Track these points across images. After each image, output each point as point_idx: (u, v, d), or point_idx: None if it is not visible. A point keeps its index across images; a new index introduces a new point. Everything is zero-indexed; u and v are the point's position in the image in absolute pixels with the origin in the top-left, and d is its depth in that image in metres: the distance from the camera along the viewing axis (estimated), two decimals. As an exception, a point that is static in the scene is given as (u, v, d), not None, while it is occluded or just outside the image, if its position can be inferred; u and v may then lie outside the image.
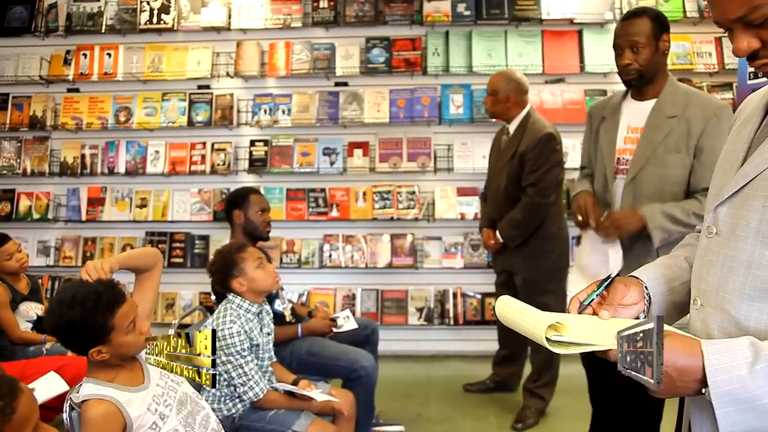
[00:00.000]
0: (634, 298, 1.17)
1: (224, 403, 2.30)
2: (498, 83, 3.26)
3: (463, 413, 3.46)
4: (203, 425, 1.80)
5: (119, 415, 1.58)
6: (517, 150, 3.19)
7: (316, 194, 4.43)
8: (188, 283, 4.53)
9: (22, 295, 3.27)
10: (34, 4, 4.58)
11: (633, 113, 2.37)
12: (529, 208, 3.17)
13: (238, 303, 2.34)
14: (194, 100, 4.50)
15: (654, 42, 2.25)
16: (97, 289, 1.60)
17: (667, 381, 0.93)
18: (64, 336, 1.62)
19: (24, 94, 4.68)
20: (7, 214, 4.66)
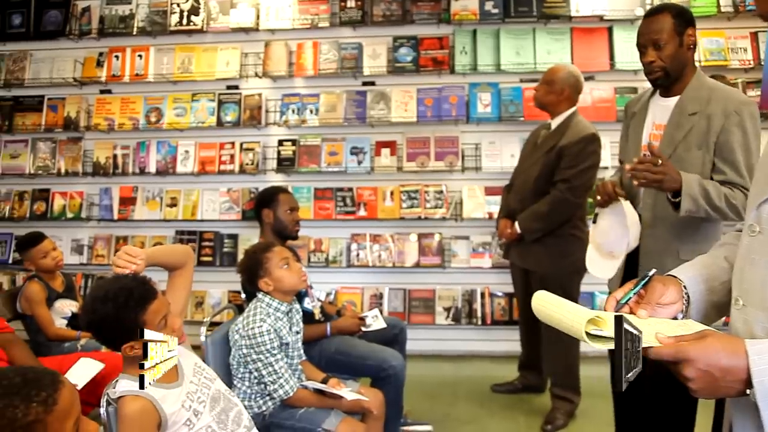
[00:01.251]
0: (673, 297, 1.16)
1: (255, 401, 2.32)
2: (557, 74, 3.23)
3: (492, 413, 3.44)
4: (236, 422, 1.82)
5: (155, 412, 1.62)
6: (556, 144, 3.16)
7: (343, 193, 4.45)
8: (217, 281, 4.57)
9: (57, 292, 3.34)
10: (68, 7, 4.68)
11: (658, 110, 2.35)
12: (557, 203, 3.14)
13: (267, 302, 2.35)
14: (223, 101, 4.55)
15: (677, 38, 2.21)
16: (129, 285, 1.63)
17: (709, 381, 0.92)
18: (98, 331, 1.65)
19: (58, 95, 4.79)
20: (42, 213, 4.77)
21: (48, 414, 1.05)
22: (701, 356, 0.92)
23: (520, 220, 3.25)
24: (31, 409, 1.04)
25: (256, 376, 2.28)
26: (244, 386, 2.32)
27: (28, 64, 4.78)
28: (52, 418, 1.05)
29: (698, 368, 0.92)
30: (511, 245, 3.44)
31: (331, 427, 2.24)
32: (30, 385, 1.06)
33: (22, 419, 1.03)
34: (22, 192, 4.84)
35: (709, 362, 0.91)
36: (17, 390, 1.05)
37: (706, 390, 0.93)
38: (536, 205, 3.19)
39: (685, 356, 0.93)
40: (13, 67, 4.80)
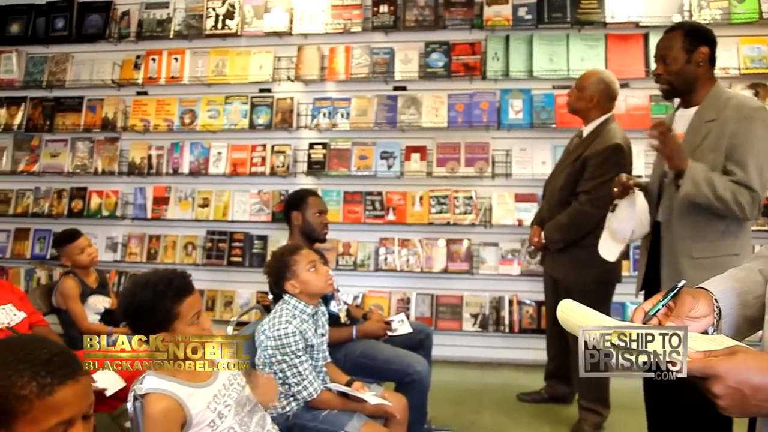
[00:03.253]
0: (703, 310, 1.12)
1: (279, 401, 2.30)
2: (587, 80, 3.20)
3: (517, 423, 3.39)
4: (260, 425, 1.83)
5: (180, 411, 1.64)
6: (582, 153, 3.12)
7: (373, 197, 4.46)
8: (246, 282, 4.61)
9: (91, 288, 3.40)
10: (108, 11, 4.80)
11: (681, 120, 2.46)
12: (577, 215, 3.10)
13: (293, 304, 2.36)
14: (255, 104, 4.60)
15: (685, 55, 2.35)
16: (170, 276, 1.69)
17: (739, 399, 0.89)
18: (134, 317, 1.69)
19: (97, 97, 4.90)
20: (79, 210, 4.89)
21: (39, 399, 1.05)
22: (731, 373, 0.89)
23: (545, 229, 3.24)
24: (29, 385, 1.04)
25: (280, 377, 2.27)
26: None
27: (70, 66, 4.92)
28: (39, 404, 1.05)
29: (728, 385, 0.89)
30: (543, 253, 3.42)
31: (354, 430, 2.22)
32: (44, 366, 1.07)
33: (17, 389, 1.04)
34: (60, 190, 4.97)
35: (740, 379, 0.88)
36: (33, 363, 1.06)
37: (735, 408, 0.90)
38: (559, 215, 3.17)
39: (715, 372, 0.90)
40: (55, 69, 4.94)
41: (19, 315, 2.73)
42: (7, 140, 5.07)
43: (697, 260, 2.27)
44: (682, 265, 2.31)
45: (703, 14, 3.91)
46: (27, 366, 1.05)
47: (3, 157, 5.05)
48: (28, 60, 5.02)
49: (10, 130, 5.00)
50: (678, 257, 2.33)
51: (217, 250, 4.67)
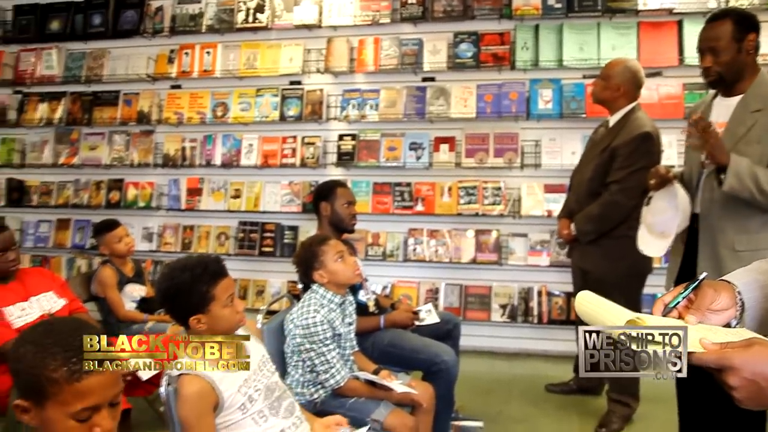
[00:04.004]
0: (725, 303, 1.09)
1: (307, 388, 2.34)
2: (613, 69, 3.13)
3: (545, 413, 3.38)
4: (288, 410, 1.87)
5: (212, 393, 1.68)
6: (610, 144, 3.07)
7: (401, 188, 4.46)
8: (277, 271, 4.67)
9: (127, 277, 3.50)
10: (143, 7, 4.89)
11: (721, 110, 2.36)
12: (609, 206, 3.04)
13: (321, 293, 2.38)
14: (286, 96, 4.64)
15: (735, 44, 2.25)
16: (205, 260, 1.74)
17: (755, 391, 0.88)
18: (172, 299, 1.74)
19: (133, 91, 5.00)
20: (116, 201, 5.01)
21: (68, 384, 1.10)
22: (747, 365, 0.88)
23: (575, 221, 3.18)
24: (60, 369, 1.10)
25: (308, 364, 2.30)
26: (297, 374, 2.35)
27: (106, 62, 5.03)
28: (68, 388, 1.10)
29: (743, 377, 0.88)
30: (573, 245, 3.37)
31: (380, 417, 2.25)
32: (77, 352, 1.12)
33: (49, 372, 1.10)
34: (99, 182, 5.10)
35: (755, 371, 0.87)
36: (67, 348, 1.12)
37: (751, 400, 0.89)
38: (590, 206, 3.11)
39: (730, 364, 0.89)
40: (92, 64, 5.06)
41: (60, 302, 2.83)
42: (48, 134, 5.21)
43: (739, 253, 2.21)
44: (723, 258, 2.25)
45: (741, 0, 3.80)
46: (60, 351, 1.11)
47: (45, 151, 5.19)
48: (68, 56, 5.15)
49: (51, 124, 5.14)
50: (719, 249, 2.28)
51: (249, 240, 4.74)
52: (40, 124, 5.16)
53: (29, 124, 5.18)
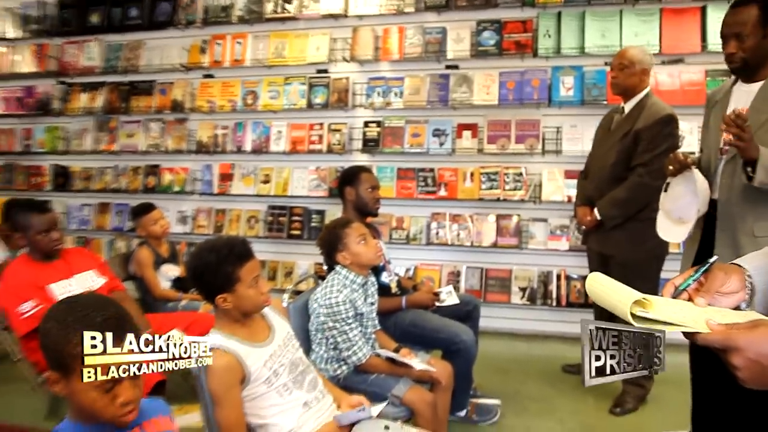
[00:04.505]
0: (735, 286, 1.09)
1: (330, 365, 2.39)
2: (636, 56, 3.09)
3: (561, 393, 3.39)
4: (312, 384, 1.92)
5: (239, 367, 1.73)
6: (632, 128, 3.03)
7: (425, 174, 4.47)
8: (305, 253, 4.74)
9: (163, 258, 3.59)
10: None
11: (741, 96, 2.29)
12: (636, 188, 3.01)
13: (344, 274, 2.42)
14: (313, 84, 4.67)
15: (761, 30, 2.17)
16: (232, 242, 1.79)
17: (758, 371, 0.88)
18: (199, 278, 1.79)
19: (167, 80, 5.09)
20: (152, 186, 5.12)
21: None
22: (751, 345, 0.89)
23: (599, 206, 3.14)
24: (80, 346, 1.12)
25: (332, 342, 2.34)
26: (321, 351, 2.40)
27: (142, 52, 5.12)
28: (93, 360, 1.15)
29: (747, 357, 0.89)
30: (589, 231, 3.34)
31: (400, 393, 2.29)
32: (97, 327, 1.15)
33: (69, 347, 1.15)
34: (136, 167, 5.22)
35: (759, 351, 0.87)
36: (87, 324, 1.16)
37: (754, 380, 0.89)
38: (615, 191, 3.08)
39: (735, 344, 0.90)
40: (129, 55, 5.15)
41: (100, 280, 2.92)
42: (89, 122, 5.34)
43: (759, 239, 2.16)
44: (743, 244, 2.20)
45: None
46: (81, 328, 1.14)
47: (86, 138, 5.33)
48: (107, 47, 5.25)
49: (91, 113, 5.27)
50: (738, 236, 2.23)
51: (278, 223, 4.81)
52: (82, 113, 5.29)
53: (72, 113, 5.32)
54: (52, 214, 2.82)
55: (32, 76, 5.41)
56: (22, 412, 3.20)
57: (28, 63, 5.38)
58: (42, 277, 2.70)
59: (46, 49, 5.35)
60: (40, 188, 5.43)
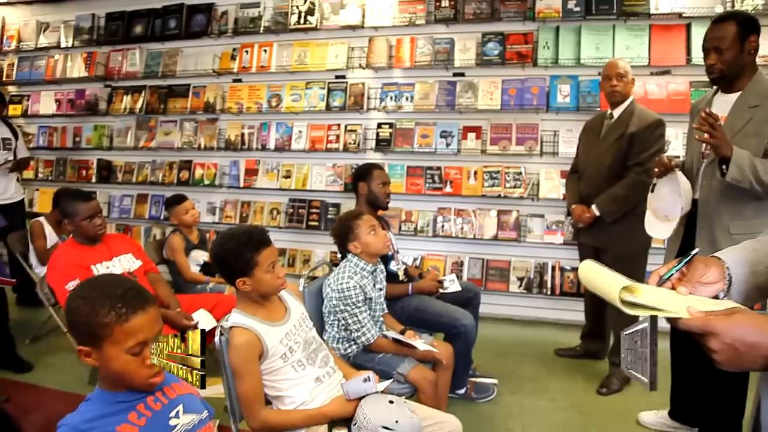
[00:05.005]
0: (714, 277, 1.08)
1: (341, 344, 2.40)
2: (624, 67, 3.09)
3: (553, 374, 3.38)
4: (324, 361, 1.92)
5: (258, 343, 1.74)
6: (625, 132, 3.02)
7: (432, 172, 4.45)
8: (321, 243, 4.74)
9: (193, 244, 3.62)
10: (210, 12, 4.96)
11: (720, 105, 2.31)
12: (634, 186, 2.98)
13: (355, 262, 2.42)
14: (332, 88, 4.66)
15: (738, 44, 2.20)
16: (251, 230, 1.79)
17: (733, 354, 0.88)
18: (221, 263, 1.80)
19: (201, 84, 5.10)
20: (185, 180, 5.15)
21: (118, 325, 1.17)
22: (727, 331, 0.88)
23: (598, 203, 3.11)
24: (108, 315, 1.17)
25: (343, 323, 2.35)
26: (333, 331, 2.41)
27: (179, 59, 5.13)
28: (119, 329, 1.17)
29: (723, 342, 0.88)
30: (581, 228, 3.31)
31: (405, 371, 2.29)
32: (120, 299, 1.19)
33: (98, 318, 1.17)
34: (171, 162, 5.24)
35: (735, 337, 0.87)
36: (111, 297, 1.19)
37: (730, 363, 0.89)
38: (613, 188, 3.05)
39: (712, 329, 0.89)
40: (168, 62, 5.17)
41: (137, 263, 2.95)
42: (131, 121, 5.38)
43: (734, 236, 2.17)
44: (719, 240, 2.21)
45: (746, 4, 3.63)
46: (106, 300, 1.18)
47: (128, 136, 5.37)
48: (148, 55, 5.28)
49: (133, 113, 5.30)
50: (715, 232, 2.24)
51: (298, 215, 4.82)
52: (125, 113, 5.32)
53: (116, 113, 5.35)
54: (95, 202, 2.85)
55: (82, 80, 5.46)
56: (68, 379, 3.25)
57: (78, 69, 5.43)
58: (86, 258, 2.73)
59: (95, 57, 5.39)
60: (87, 180, 5.48)
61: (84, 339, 1.21)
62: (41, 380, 3.28)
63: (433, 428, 1.87)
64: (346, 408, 1.79)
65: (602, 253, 3.17)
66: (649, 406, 2.79)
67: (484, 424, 2.78)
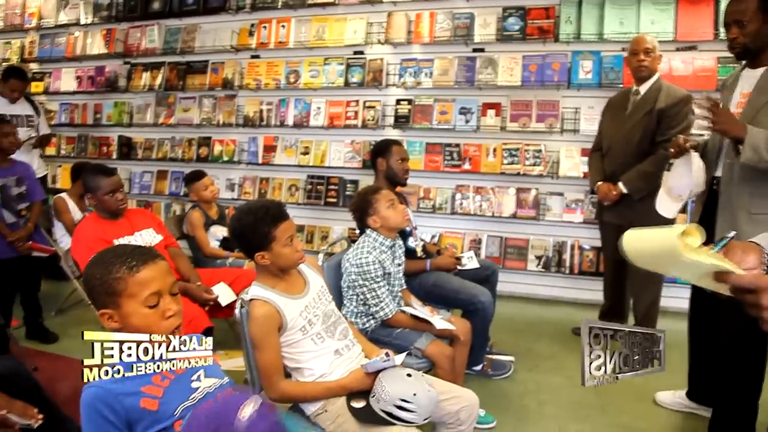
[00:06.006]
0: (752, 263, 1.03)
1: (360, 318, 2.41)
2: (652, 42, 3.04)
3: (570, 352, 3.36)
4: (343, 334, 1.93)
5: (277, 316, 1.75)
6: (653, 108, 2.98)
7: (451, 149, 4.42)
8: (340, 219, 4.76)
9: (212, 220, 3.64)
10: (228, -15, 4.93)
11: (746, 81, 2.23)
12: (663, 162, 2.94)
13: (374, 237, 2.41)
14: (350, 64, 4.63)
15: (761, 16, 2.10)
16: (268, 205, 1.79)
17: None
18: (239, 237, 1.80)
19: (219, 60, 5.10)
20: (205, 156, 5.18)
21: (130, 277, 1.24)
22: None
23: (625, 180, 3.07)
24: (120, 270, 1.24)
25: (361, 298, 2.35)
26: (351, 306, 2.41)
27: (197, 35, 5.12)
28: (132, 281, 1.23)
29: None
30: (604, 207, 3.27)
31: (422, 346, 2.29)
32: (128, 255, 1.27)
33: (111, 275, 1.24)
34: (190, 139, 5.27)
35: None
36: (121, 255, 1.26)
37: None
38: (641, 165, 3.02)
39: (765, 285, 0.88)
40: (186, 38, 5.17)
41: (158, 237, 2.98)
42: (150, 98, 5.41)
43: (754, 216, 2.12)
44: (739, 220, 2.16)
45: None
46: (117, 258, 1.25)
47: (148, 112, 5.40)
48: (166, 31, 5.27)
49: (152, 90, 5.32)
50: (736, 212, 2.18)
51: (316, 191, 4.83)
52: (144, 90, 5.35)
53: (135, 90, 5.38)
54: (117, 177, 2.87)
55: (102, 57, 5.48)
56: (93, 351, 3.32)
57: (98, 45, 5.45)
58: (108, 232, 2.77)
59: (114, 33, 5.40)
60: (108, 157, 5.53)
61: (103, 301, 1.25)
62: (67, 350, 3.36)
63: (450, 402, 1.88)
64: (364, 381, 1.80)
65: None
66: (666, 386, 2.77)
67: (500, 400, 2.79)
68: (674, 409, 2.68)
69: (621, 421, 2.60)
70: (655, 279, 3.23)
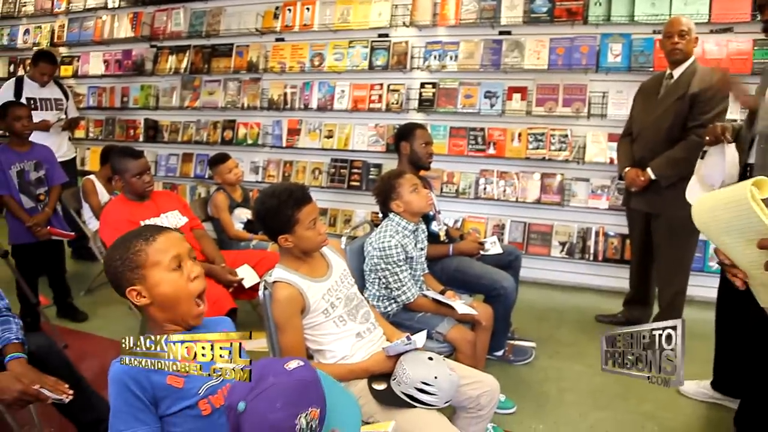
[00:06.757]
0: None
1: (381, 302, 2.42)
2: (688, 24, 2.95)
3: (592, 339, 3.33)
4: (364, 317, 1.95)
5: (300, 298, 1.77)
6: (686, 92, 2.89)
7: (476, 133, 4.38)
8: (363, 203, 4.77)
9: (237, 202, 3.68)
10: (252, -31, 4.92)
11: None
12: (694, 149, 2.82)
13: (397, 221, 2.40)
14: (375, 47, 4.60)
15: None
16: (291, 188, 1.80)
17: None
18: (263, 220, 1.82)
19: (244, 43, 5.12)
20: (229, 139, 5.22)
21: (148, 246, 1.28)
22: None
23: (654, 167, 3.01)
24: (138, 242, 1.28)
25: (383, 282, 2.36)
26: (374, 289, 2.42)
27: (223, 18, 5.14)
28: (150, 249, 1.27)
29: None
30: (632, 193, 3.21)
31: (443, 330, 2.30)
32: (144, 229, 1.32)
33: (131, 250, 1.27)
34: (215, 122, 5.32)
35: None
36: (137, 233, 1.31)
37: None
38: (671, 151, 2.95)
39: None
40: (211, 21, 5.19)
41: (183, 219, 3.03)
42: (176, 81, 5.46)
43: None
44: None
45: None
46: (134, 235, 1.29)
47: (173, 95, 5.46)
48: (192, 14, 5.30)
49: (178, 73, 5.38)
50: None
51: (339, 175, 4.84)
52: (170, 73, 5.40)
53: (161, 73, 5.44)
54: (144, 159, 2.91)
55: (129, 41, 5.55)
56: (121, 329, 3.42)
57: (125, 29, 5.52)
58: (136, 214, 2.81)
59: (141, 17, 5.45)
60: (135, 139, 5.62)
61: (129, 278, 1.27)
62: (96, 329, 3.46)
63: (471, 387, 1.88)
64: (386, 364, 1.82)
65: (654, 219, 3.07)
66: (690, 376, 2.74)
67: (520, 386, 2.79)
68: (698, 399, 2.65)
69: (643, 410, 2.58)
70: (684, 267, 3.17)
